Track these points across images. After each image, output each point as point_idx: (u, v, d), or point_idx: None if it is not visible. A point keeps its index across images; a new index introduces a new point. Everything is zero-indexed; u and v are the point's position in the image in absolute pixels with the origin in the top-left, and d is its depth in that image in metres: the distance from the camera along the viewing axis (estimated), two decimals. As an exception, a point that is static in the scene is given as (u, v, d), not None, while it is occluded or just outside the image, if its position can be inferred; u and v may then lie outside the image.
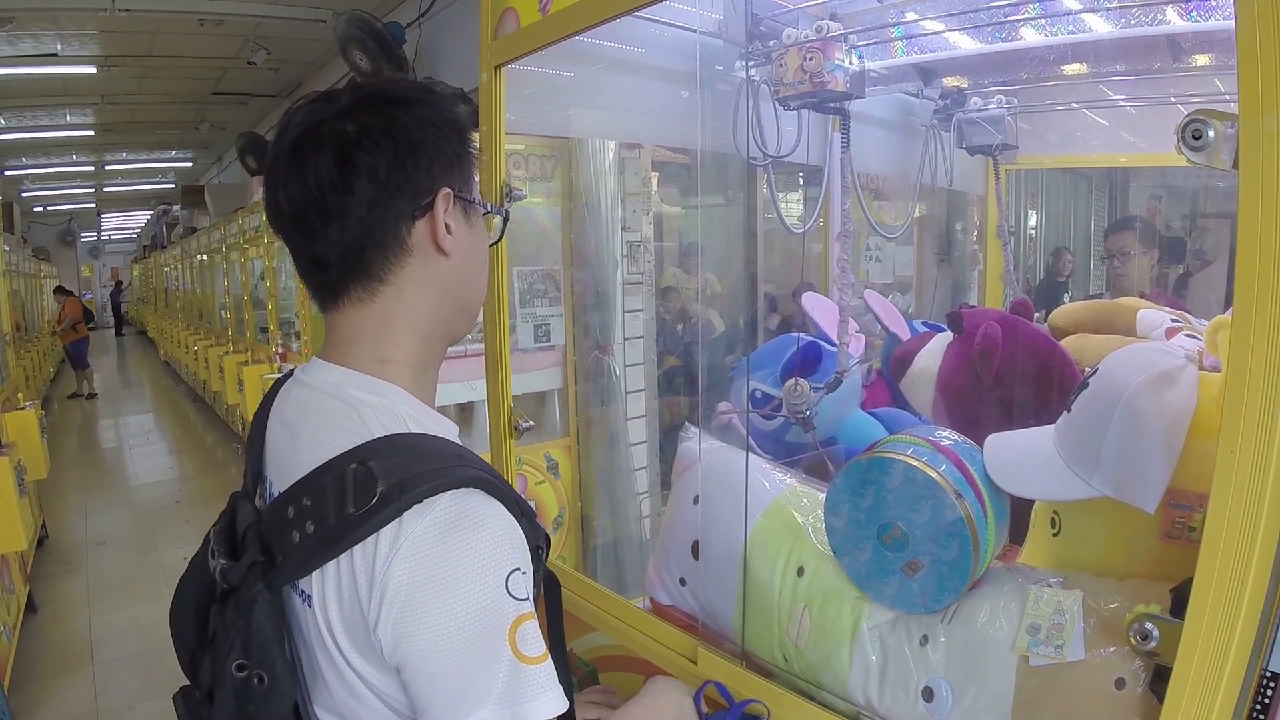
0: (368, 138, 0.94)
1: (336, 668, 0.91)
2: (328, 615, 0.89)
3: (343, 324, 1.01)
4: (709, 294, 3.94)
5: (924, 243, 3.47)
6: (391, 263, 0.98)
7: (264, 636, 0.90)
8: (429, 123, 0.98)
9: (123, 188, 19.30)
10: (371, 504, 0.85)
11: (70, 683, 4.14)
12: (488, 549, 0.86)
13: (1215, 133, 0.81)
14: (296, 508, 0.91)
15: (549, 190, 4.17)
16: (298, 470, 0.94)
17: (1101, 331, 1.88)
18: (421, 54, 6.26)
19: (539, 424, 4.33)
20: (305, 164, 0.95)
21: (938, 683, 1.14)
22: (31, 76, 8.73)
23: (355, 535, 0.85)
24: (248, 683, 0.90)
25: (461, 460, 0.91)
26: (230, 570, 0.93)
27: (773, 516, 1.44)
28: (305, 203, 0.95)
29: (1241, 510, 0.79)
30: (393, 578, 0.84)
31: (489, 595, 0.84)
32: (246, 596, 0.91)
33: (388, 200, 0.95)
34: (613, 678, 1.73)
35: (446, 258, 1.00)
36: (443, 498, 0.86)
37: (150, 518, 6.80)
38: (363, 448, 0.90)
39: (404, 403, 0.98)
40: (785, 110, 2.12)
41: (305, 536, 0.89)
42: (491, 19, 1.88)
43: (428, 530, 0.85)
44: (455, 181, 1.00)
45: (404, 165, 0.95)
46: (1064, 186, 3.45)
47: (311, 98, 1.00)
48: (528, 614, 0.86)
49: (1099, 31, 2.08)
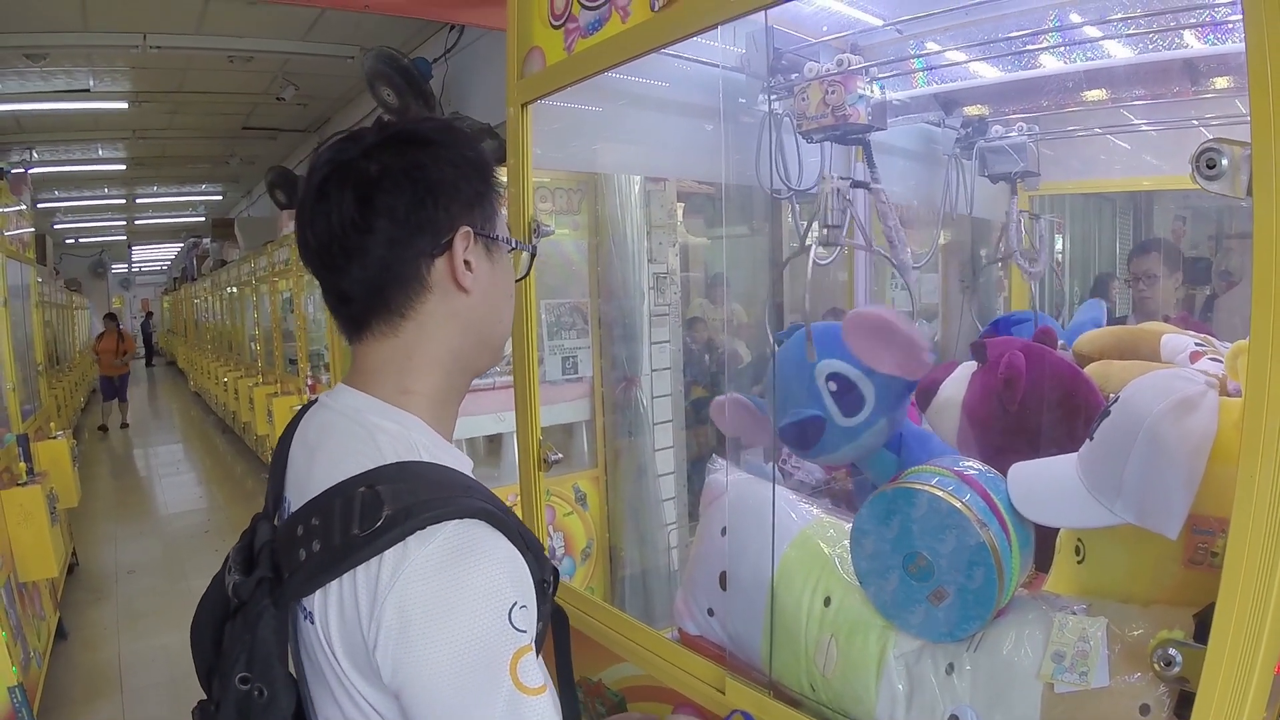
0: (388, 178, 0.97)
1: (341, 686, 0.92)
2: (329, 634, 0.90)
3: (367, 355, 1.04)
4: (735, 324, 3.96)
5: (949, 270, 3.48)
6: (413, 299, 1.01)
7: (267, 650, 0.92)
8: (449, 163, 1.01)
9: (153, 221, 19.61)
10: (376, 526, 0.87)
11: (99, 709, 4.19)
12: (491, 580, 0.87)
13: (1229, 160, 0.82)
14: (305, 526, 0.93)
15: (575, 223, 4.22)
16: (313, 490, 0.96)
17: (1126, 357, 1.87)
18: (448, 89, 6.35)
19: (567, 455, 4.34)
20: (330, 202, 0.98)
21: (964, 711, 1.14)
22: (64, 111, 8.93)
23: (358, 556, 0.87)
24: (249, 695, 0.92)
25: (469, 491, 0.93)
26: (241, 586, 0.96)
27: (800, 547, 1.45)
28: (330, 240, 0.98)
29: (1263, 535, 0.80)
30: (393, 602, 0.85)
31: (491, 626, 0.85)
32: (253, 611, 0.93)
33: (407, 239, 0.98)
34: (641, 708, 1.74)
35: (467, 294, 1.02)
36: (447, 526, 0.87)
37: (180, 546, 6.85)
38: (374, 472, 0.92)
39: (420, 432, 1.00)
40: (809, 143, 2.14)
41: (311, 555, 0.90)
42: (518, 58, 1.92)
43: (430, 556, 0.86)
44: (476, 219, 1.02)
45: (423, 205, 0.98)
46: (1089, 211, 3.44)
47: (339, 137, 1.03)
48: (527, 646, 0.87)
49: (1118, 57, 2.09)
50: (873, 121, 2.01)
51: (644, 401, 4.21)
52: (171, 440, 12.86)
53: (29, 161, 10.68)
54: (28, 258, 6.28)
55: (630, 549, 4.32)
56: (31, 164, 10.77)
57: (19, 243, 5.91)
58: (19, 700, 3.35)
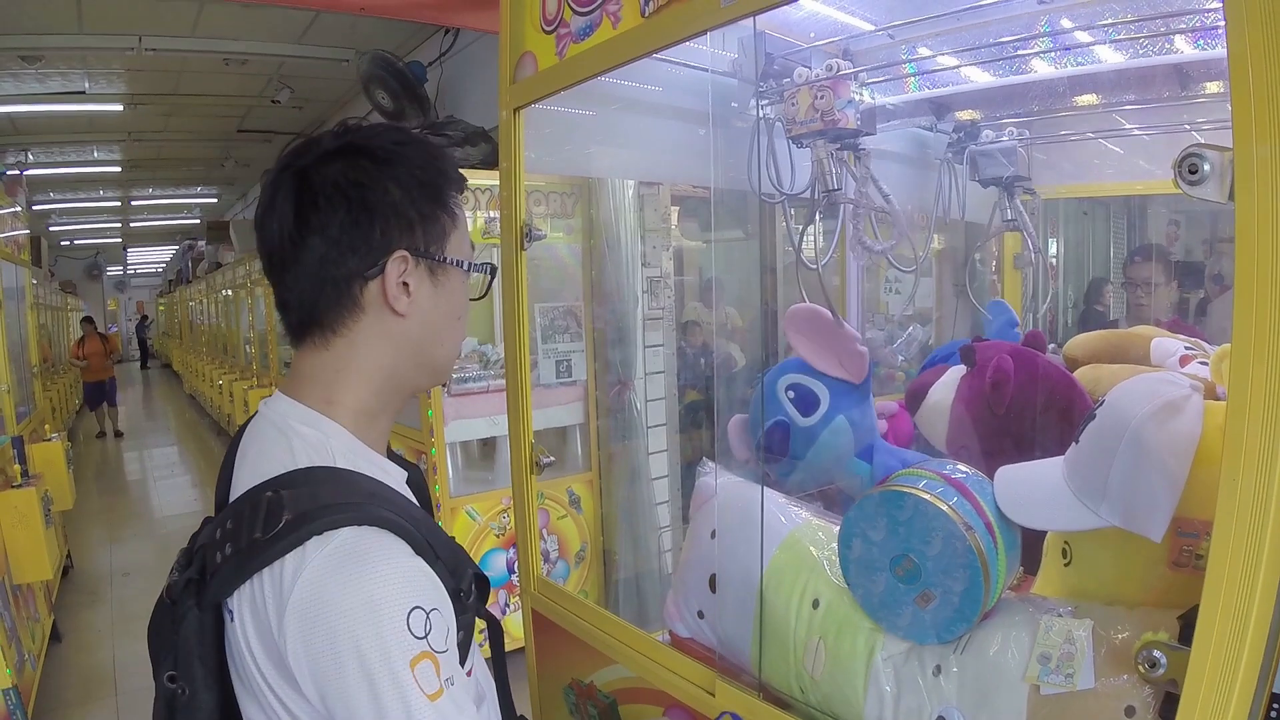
0: (325, 194, 0.97)
1: (261, 685, 0.91)
2: (247, 634, 0.91)
3: (301, 363, 1.05)
4: (730, 328, 3.96)
5: (943, 274, 3.48)
6: (344, 317, 1.01)
7: (188, 650, 0.95)
8: (396, 182, 0.99)
9: (149, 223, 19.58)
10: (277, 530, 0.88)
11: (93, 712, 4.19)
12: (383, 586, 0.86)
13: (1211, 166, 0.82)
14: (222, 530, 0.94)
15: (570, 228, 4.23)
16: (236, 493, 0.98)
17: (1116, 361, 1.88)
18: (443, 93, 6.35)
19: (561, 459, 4.36)
20: (275, 210, 0.99)
21: (951, 713, 1.15)
22: (60, 114, 8.91)
23: (261, 559, 0.88)
24: (175, 694, 0.96)
25: (372, 498, 0.94)
26: (173, 585, 0.98)
27: (788, 550, 1.46)
28: (270, 247, 1.00)
29: (1245, 537, 0.80)
30: (293, 607, 0.86)
31: (385, 631, 0.85)
32: (179, 611, 0.96)
33: (338, 258, 0.97)
34: (632, 710, 1.74)
35: (402, 317, 1.01)
36: (343, 531, 0.88)
37: (174, 549, 6.63)
38: (281, 477, 0.94)
39: (340, 439, 1.01)
40: (799, 148, 2.15)
41: (226, 558, 0.92)
42: (510, 62, 1.93)
43: (326, 560, 0.86)
44: (419, 242, 1.01)
45: (358, 225, 0.97)
46: (1081, 215, 3.45)
47: (300, 140, 1.03)
48: (426, 652, 0.86)
49: (1109, 62, 2.10)
50: (862, 126, 2.03)
51: (638, 405, 4.22)
52: (166, 443, 12.83)
53: (24, 163, 10.66)
54: (22, 260, 6.27)
55: (624, 552, 4.32)
56: (27, 166, 10.75)
57: (13, 245, 5.90)
58: (13, 703, 3.35)
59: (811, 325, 1.85)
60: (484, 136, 4.84)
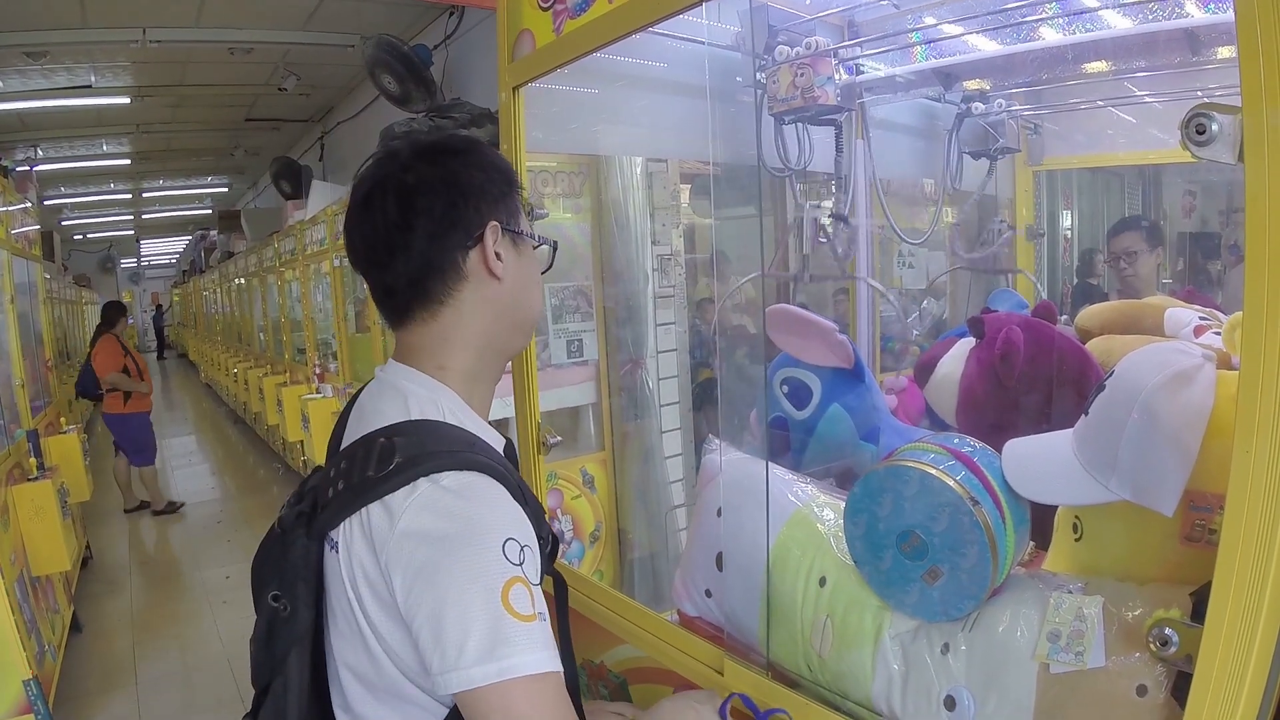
0: (424, 184, 1.13)
1: (355, 618, 1.04)
2: (351, 563, 1.03)
3: (410, 339, 1.19)
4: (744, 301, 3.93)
5: (955, 247, 3.45)
6: (450, 287, 1.15)
7: (294, 572, 1.09)
8: (477, 167, 1.16)
9: (161, 214, 19.61)
10: (389, 470, 1.01)
11: (114, 700, 4.22)
12: (483, 517, 0.99)
13: (1219, 126, 0.80)
14: (336, 469, 1.08)
15: (578, 206, 4.20)
16: (353, 440, 1.11)
17: (1129, 332, 1.85)
18: (449, 75, 6.32)
19: (573, 439, 4.35)
20: (374, 210, 1.14)
21: (959, 691, 1.13)
22: (67, 108, 8.89)
23: (372, 494, 1.01)
24: (277, 611, 1.09)
25: (473, 448, 1.06)
26: (285, 517, 1.13)
27: (795, 527, 1.44)
28: (375, 241, 1.14)
29: (1259, 511, 0.78)
30: (399, 532, 0.98)
31: (483, 556, 0.96)
32: (289, 539, 1.10)
33: (443, 234, 1.12)
34: (642, 689, 1.74)
35: (499, 281, 1.16)
36: (448, 474, 1.01)
37: (193, 538, 6.89)
38: (394, 425, 1.08)
39: (448, 399, 1.15)
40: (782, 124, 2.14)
41: (338, 493, 1.05)
42: (508, 41, 1.91)
43: (432, 495, 0.99)
44: (502, 216, 1.16)
45: (455, 204, 1.13)
46: (1096, 185, 3.41)
47: (377, 156, 1.19)
48: (521, 578, 0.96)
49: (1118, 28, 2.06)
50: (842, 103, 2.04)
51: (650, 384, 4.20)
52: (184, 432, 12.91)
53: (34, 159, 10.68)
54: (34, 255, 6.29)
55: (638, 531, 4.32)
56: (36, 161, 10.77)
57: (24, 240, 5.92)
58: (34, 693, 3.37)
59: (789, 322, 1.90)
60: (490, 118, 4.81)
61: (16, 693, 3.31)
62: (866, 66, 2.44)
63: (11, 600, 3.40)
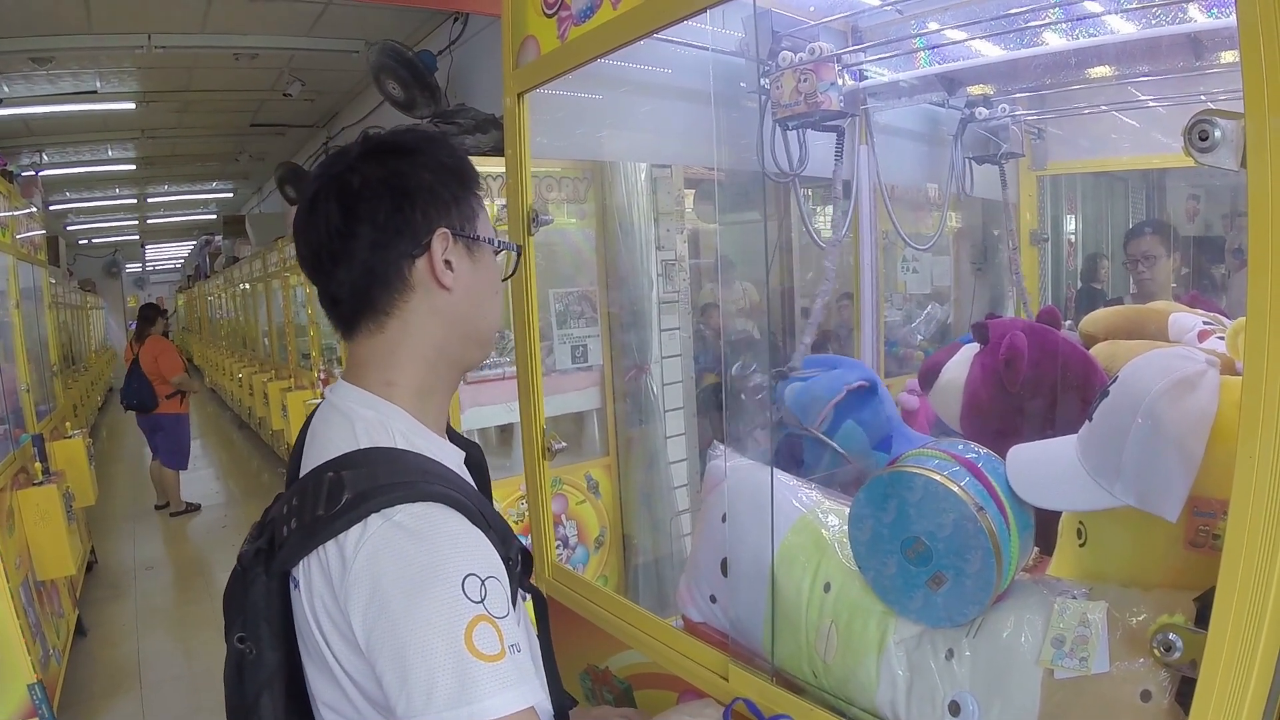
0: (368, 188, 1.07)
1: (324, 656, 0.98)
2: (313, 603, 0.97)
3: (357, 351, 1.13)
4: (747, 305, 3.94)
5: (960, 252, 3.45)
6: (395, 298, 1.10)
7: (256, 612, 1.04)
8: (427, 168, 1.10)
9: (166, 219, 19.62)
10: (338, 508, 0.96)
11: (118, 705, 4.23)
12: (440, 556, 0.93)
13: (1222, 132, 0.80)
14: (289, 505, 1.02)
15: (583, 212, 4.21)
16: (304, 471, 1.06)
17: (1134, 337, 1.85)
18: (453, 81, 6.33)
19: (578, 444, 4.36)
20: (319, 214, 1.08)
21: (964, 697, 1.13)
22: (72, 114, 8.90)
23: (325, 533, 0.96)
24: (243, 653, 1.05)
25: (426, 476, 1.00)
26: (245, 554, 1.06)
27: (799, 532, 1.44)
28: (319, 247, 1.09)
29: (1263, 516, 0.78)
30: (356, 575, 0.93)
31: (441, 598, 0.91)
32: (249, 577, 1.05)
33: (387, 242, 1.07)
34: (647, 694, 1.74)
35: (448, 291, 1.10)
36: (400, 508, 0.95)
37: (198, 542, 6.91)
38: (343, 457, 1.02)
39: (399, 420, 1.09)
40: (786, 130, 2.14)
41: (291, 531, 1.00)
42: (513, 47, 1.91)
43: (385, 533, 0.94)
44: (454, 221, 1.11)
45: (400, 210, 1.07)
46: (1100, 190, 3.41)
47: (330, 154, 1.14)
48: (484, 615, 0.91)
49: (1122, 33, 2.06)
50: (845, 108, 2.03)
51: (654, 389, 4.21)
52: (189, 437, 12.90)
53: (39, 164, 10.71)
54: (39, 260, 6.31)
55: (643, 536, 4.32)
56: (42, 166, 10.79)
57: (30, 245, 5.94)
58: (39, 697, 3.38)
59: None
60: (494, 123, 4.82)
61: (21, 697, 3.32)
62: (870, 72, 2.45)
63: (16, 604, 3.41)
